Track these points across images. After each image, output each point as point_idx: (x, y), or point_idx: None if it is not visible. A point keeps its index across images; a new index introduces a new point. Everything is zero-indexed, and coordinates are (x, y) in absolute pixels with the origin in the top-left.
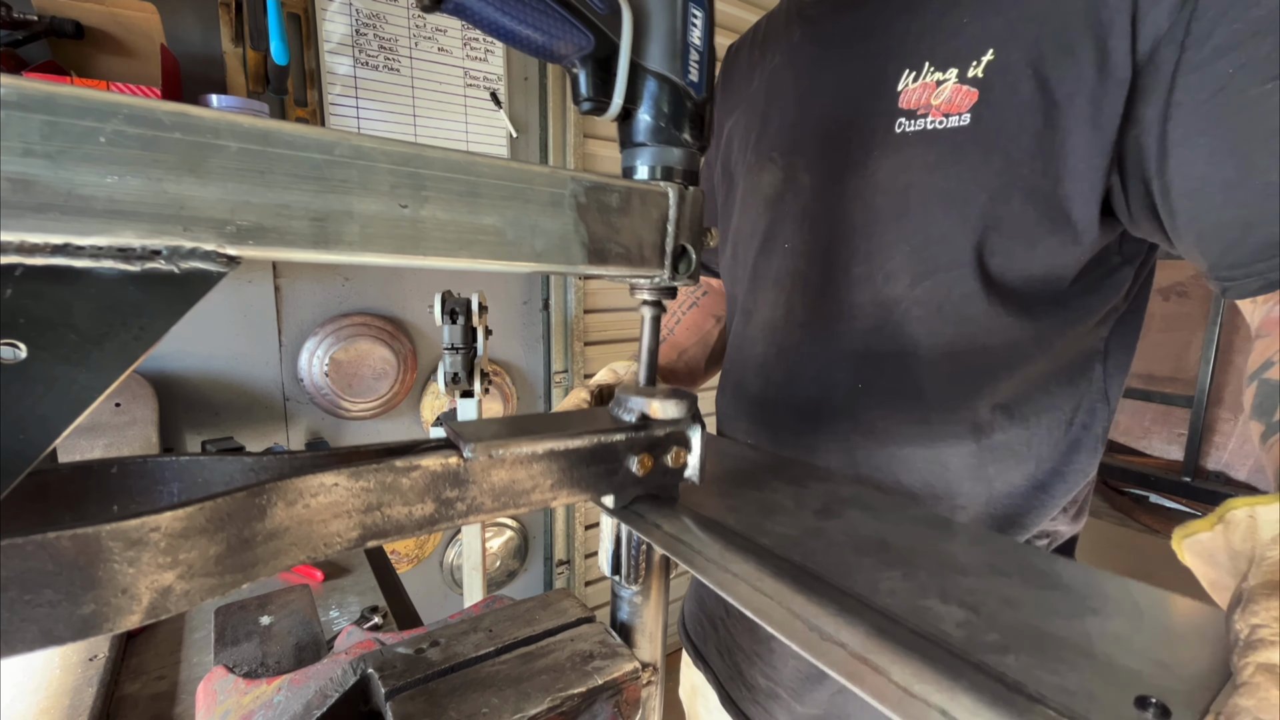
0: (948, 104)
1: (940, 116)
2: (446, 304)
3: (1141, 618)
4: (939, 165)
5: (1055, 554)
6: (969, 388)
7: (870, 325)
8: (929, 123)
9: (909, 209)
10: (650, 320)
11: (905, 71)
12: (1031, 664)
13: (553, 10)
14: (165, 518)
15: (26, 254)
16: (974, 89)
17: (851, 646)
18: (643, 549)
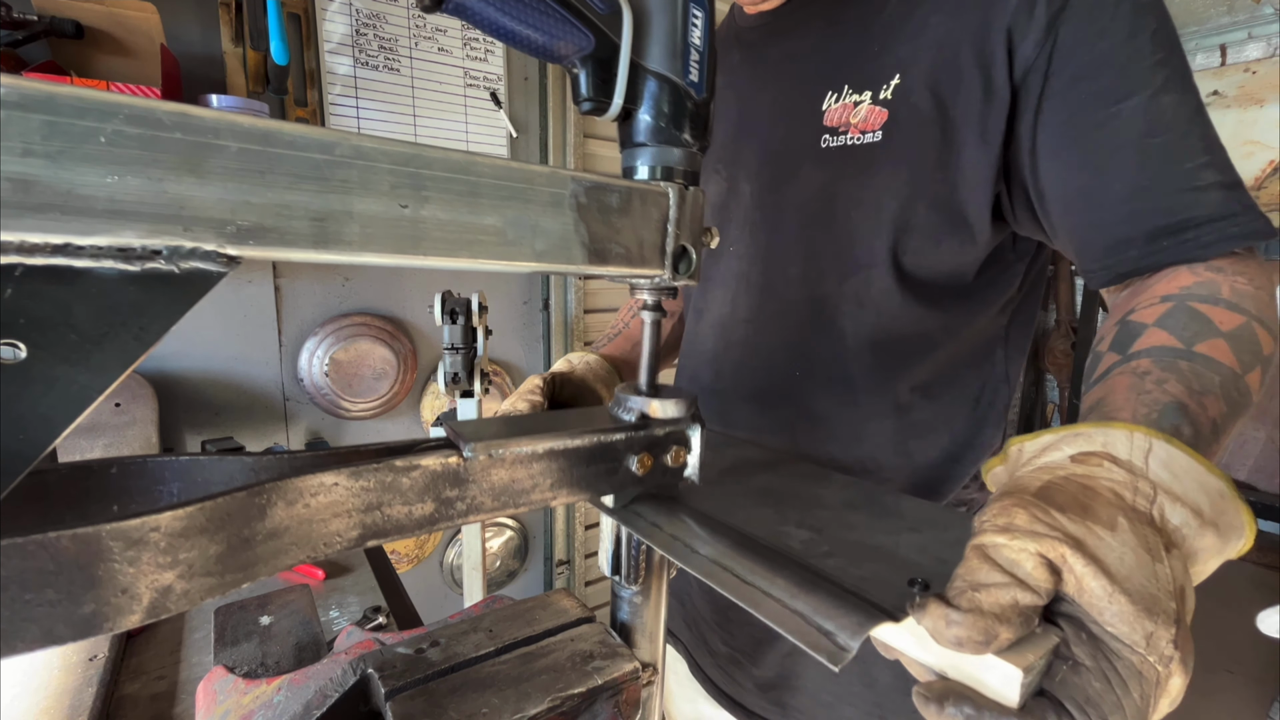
0: (864, 122)
1: (858, 134)
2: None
3: (944, 533)
4: (858, 176)
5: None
6: (890, 372)
7: (805, 319)
8: (849, 139)
9: (835, 215)
10: (651, 324)
11: (829, 93)
12: (846, 564)
13: (553, 10)
14: (165, 517)
15: (26, 254)
16: (884, 109)
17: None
18: (643, 549)
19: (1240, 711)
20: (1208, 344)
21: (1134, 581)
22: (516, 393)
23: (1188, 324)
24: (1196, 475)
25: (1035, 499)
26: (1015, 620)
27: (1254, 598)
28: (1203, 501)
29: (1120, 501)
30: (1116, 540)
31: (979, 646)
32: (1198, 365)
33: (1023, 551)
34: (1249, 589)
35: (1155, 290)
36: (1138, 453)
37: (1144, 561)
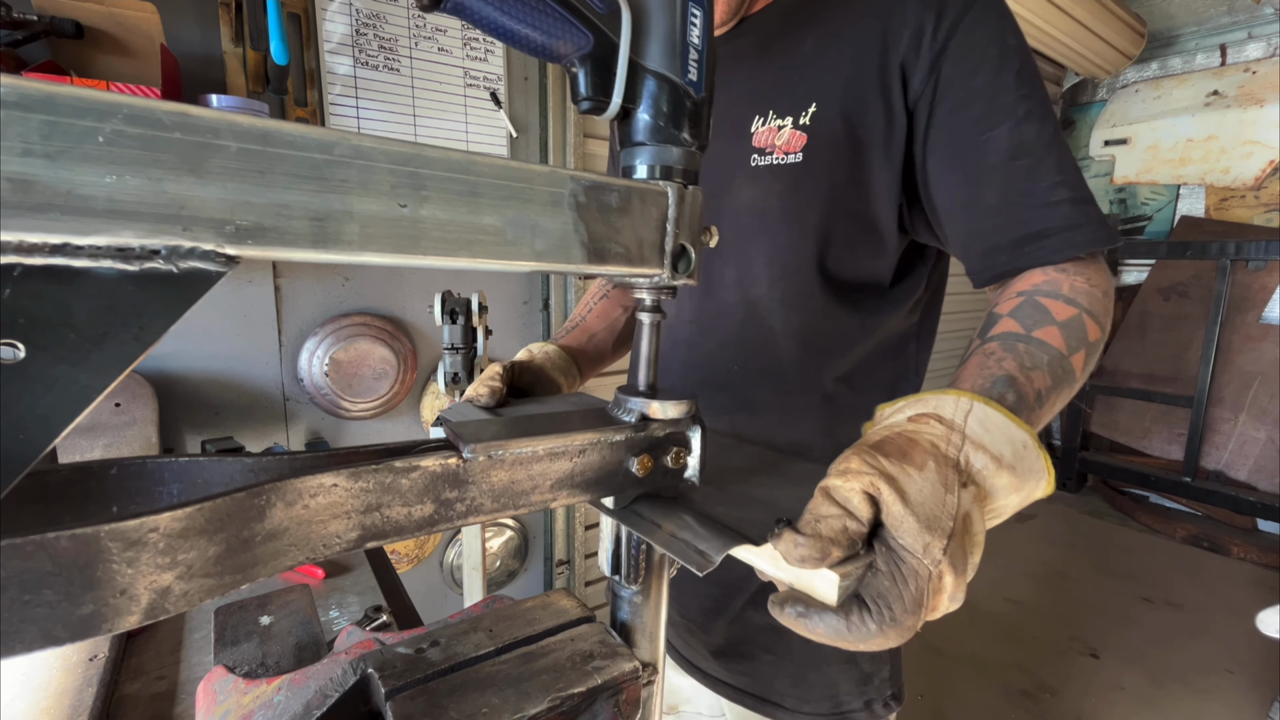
0: (787, 144)
1: (782, 154)
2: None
3: None
4: (784, 192)
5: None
6: (817, 365)
7: (741, 319)
8: (774, 159)
9: (765, 226)
10: (649, 326)
11: (756, 117)
12: (734, 510)
13: (552, 10)
14: (164, 518)
15: (25, 254)
16: (804, 133)
17: None
18: (642, 549)
19: (1240, 711)
20: (1044, 330)
21: (925, 507)
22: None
23: (1031, 314)
24: (1005, 430)
25: (870, 449)
26: (844, 542)
27: (1254, 598)
28: (1005, 450)
29: (934, 449)
30: (922, 477)
31: (817, 562)
32: (1032, 347)
33: (851, 489)
34: (1249, 589)
35: (1014, 288)
36: (959, 413)
37: (937, 493)
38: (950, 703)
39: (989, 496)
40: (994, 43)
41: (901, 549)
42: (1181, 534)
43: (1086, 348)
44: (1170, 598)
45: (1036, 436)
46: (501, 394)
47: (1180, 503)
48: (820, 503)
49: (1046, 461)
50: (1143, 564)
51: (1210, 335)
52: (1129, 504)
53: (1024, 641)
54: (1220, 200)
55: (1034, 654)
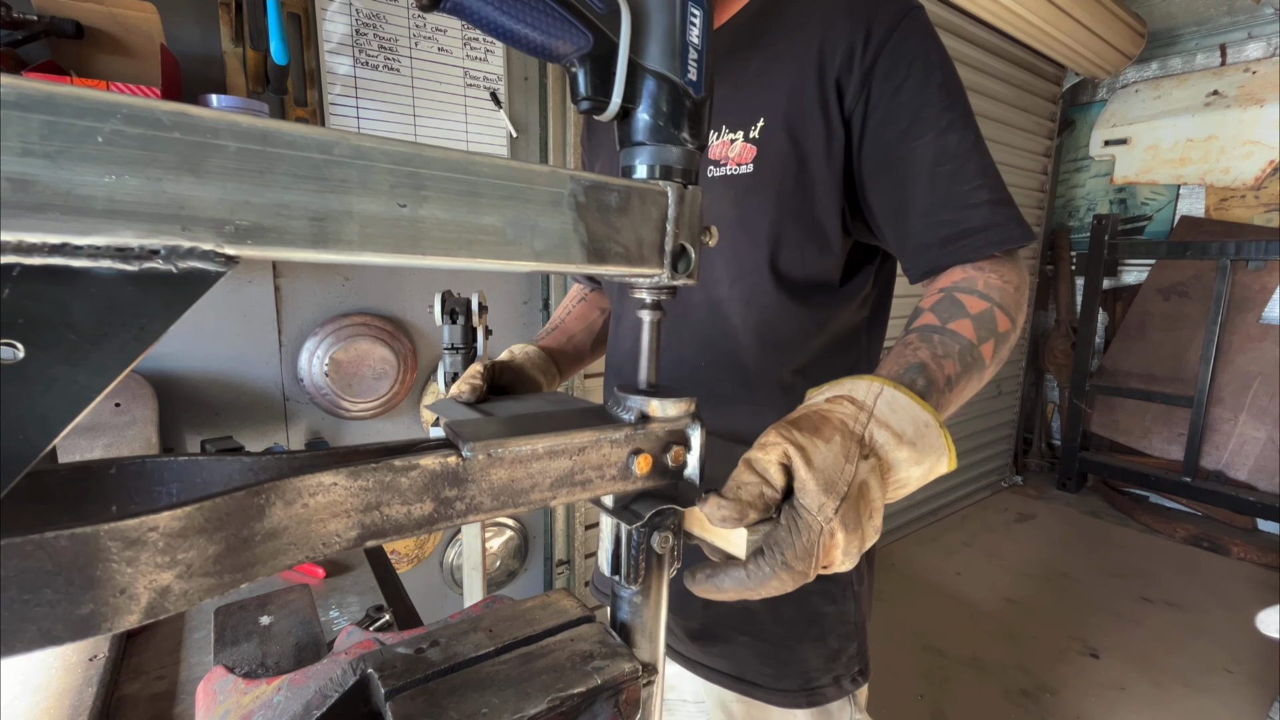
0: (739, 157)
1: (735, 165)
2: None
3: None
4: (738, 200)
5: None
6: (775, 359)
7: (705, 318)
8: (728, 170)
9: (722, 231)
10: (650, 324)
11: (711, 131)
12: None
13: (551, 9)
14: (163, 517)
15: (25, 254)
16: (754, 146)
17: None
18: (642, 549)
19: (1240, 711)
20: (957, 323)
21: (826, 473)
22: (462, 377)
23: (948, 308)
24: (909, 410)
25: (787, 424)
26: (760, 505)
27: (1254, 598)
28: (908, 428)
29: (843, 426)
30: (827, 448)
31: (735, 522)
32: (946, 338)
33: (769, 461)
34: (1249, 589)
35: (937, 284)
36: (870, 395)
37: (839, 462)
38: (950, 703)
39: (890, 469)
40: (918, 59)
41: (801, 507)
42: (1181, 534)
43: (995, 338)
44: (1170, 598)
45: (939, 418)
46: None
47: (1180, 503)
48: (741, 471)
49: (947, 440)
50: (1143, 564)
51: (1210, 335)
52: (1129, 504)
53: (1024, 641)
54: (1220, 200)
55: (1034, 654)
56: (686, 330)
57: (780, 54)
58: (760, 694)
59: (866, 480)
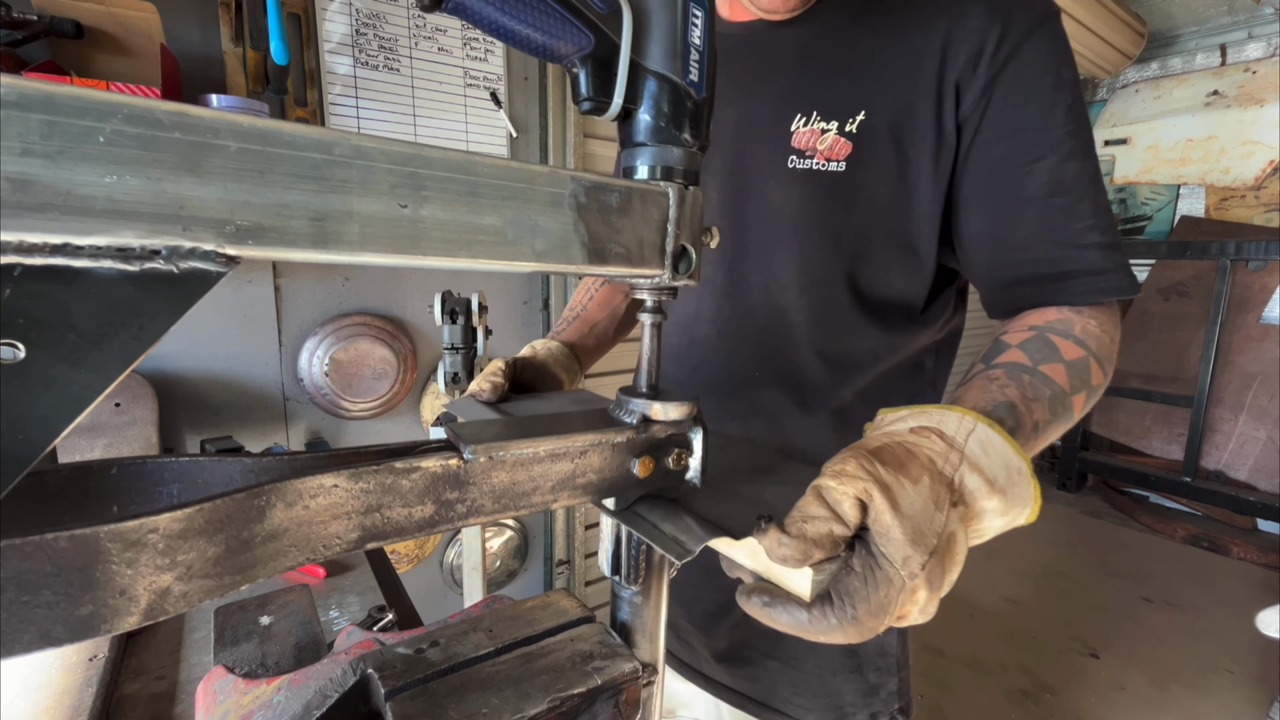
0: (829, 150)
1: (824, 160)
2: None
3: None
4: (820, 200)
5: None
6: (837, 380)
7: (764, 324)
8: (814, 164)
9: (798, 233)
10: (650, 327)
11: (798, 115)
12: (720, 506)
13: (553, 10)
14: (163, 519)
15: (25, 254)
16: (849, 141)
17: None
18: (642, 549)
19: (1240, 711)
20: (1050, 366)
21: (914, 520)
22: (481, 374)
23: (1040, 349)
24: (1003, 454)
25: (868, 454)
26: (828, 545)
27: (1254, 598)
28: (1000, 474)
29: (931, 465)
30: (915, 491)
31: (798, 563)
32: (1037, 380)
33: (844, 494)
34: (1249, 589)
35: (1026, 320)
36: (961, 432)
37: (928, 509)
38: (950, 703)
39: (976, 518)
40: (1049, 73)
41: (882, 557)
42: (1181, 534)
43: (1088, 390)
44: (1170, 598)
45: (1031, 465)
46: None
47: (1180, 503)
48: (810, 502)
49: (1036, 491)
50: (1143, 564)
51: (1210, 335)
52: (1129, 504)
53: (1024, 641)
54: (1220, 200)
55: (1034, 654)
56: (741, 335)
57: (894, 40)
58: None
59: (955, 532)
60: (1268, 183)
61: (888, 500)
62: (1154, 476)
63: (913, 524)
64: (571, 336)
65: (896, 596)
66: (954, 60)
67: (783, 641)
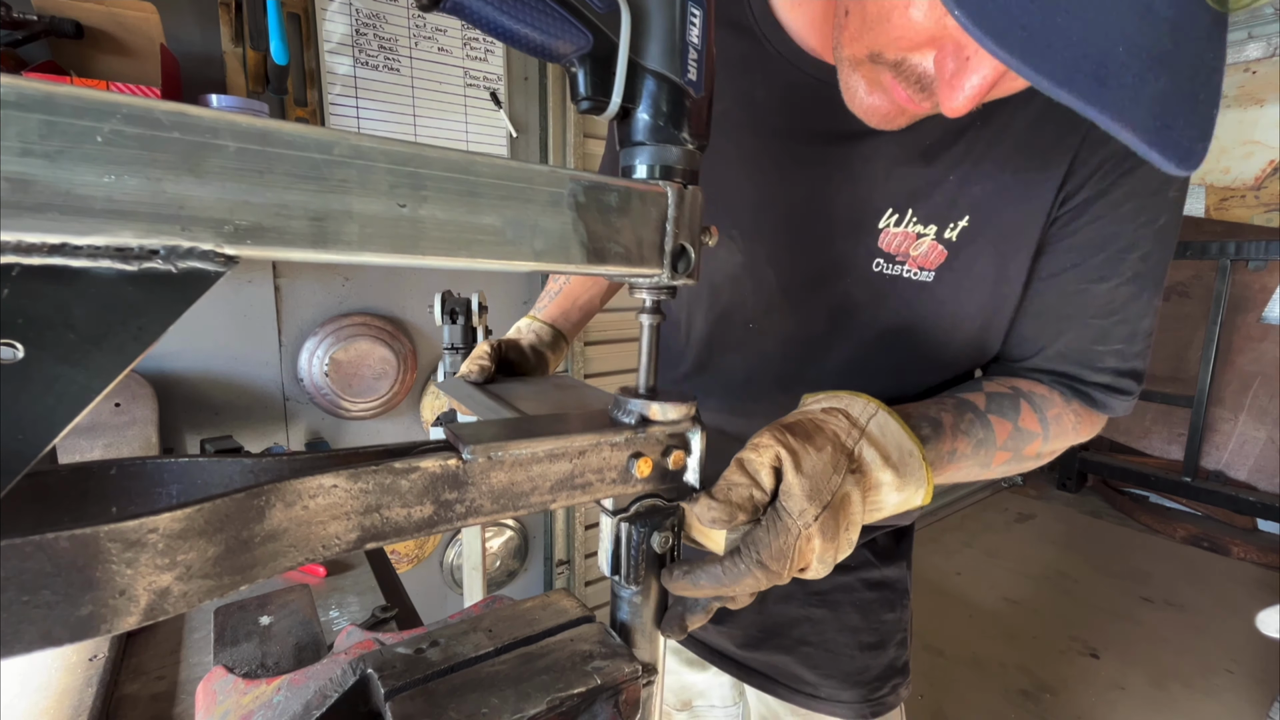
0: (923, 258)
1: (915, 269)
2: (446, 304)
3: None
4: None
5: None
6: None
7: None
8: (904, 270)
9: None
10: (649, 328)
11: (890, 210)
12: None
13: (551, 9)
14: (163, 519)
15: (24, 254)
16: (945, 249)
17: None
18: (642, 549)
19: (1240, 711)
20: (999, 420)
21: (814, 480)
22: (470, 357)
23: (1003, 406)
24: (897, 437)
25: (782, 427)
26: (749, 507)
27: (1254, 598)
28: (894, 452)
29: (835, 438)
30: (818, 457)
31: (725, 524)
32: (978, 423)
33: (761, 463)
34: (1249, 589)
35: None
36: (865, 414)
37: (826, 471)
38: (950, 703)
39: (872, 488)
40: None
41: (783, 510)
42: (1181, 534)
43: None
44: (1170, 598)
45: (924, 450)
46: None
47: (1180, 503)
48: (733, 471)
49: (927, 473)
50: (1143, 564)
51: (1210, 335)
52: (1129, 504)
53: (1024, 641)
54: (1220, 200)
55: (1034, 654)
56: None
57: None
58: (822, 706)
59: (850, 493)
60: (1268, 183)
61: (793, 462)
62: (1154, 476)
63: (811, 482)
64: (555, 312)
65: (794, 544)
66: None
67: (814, 625)
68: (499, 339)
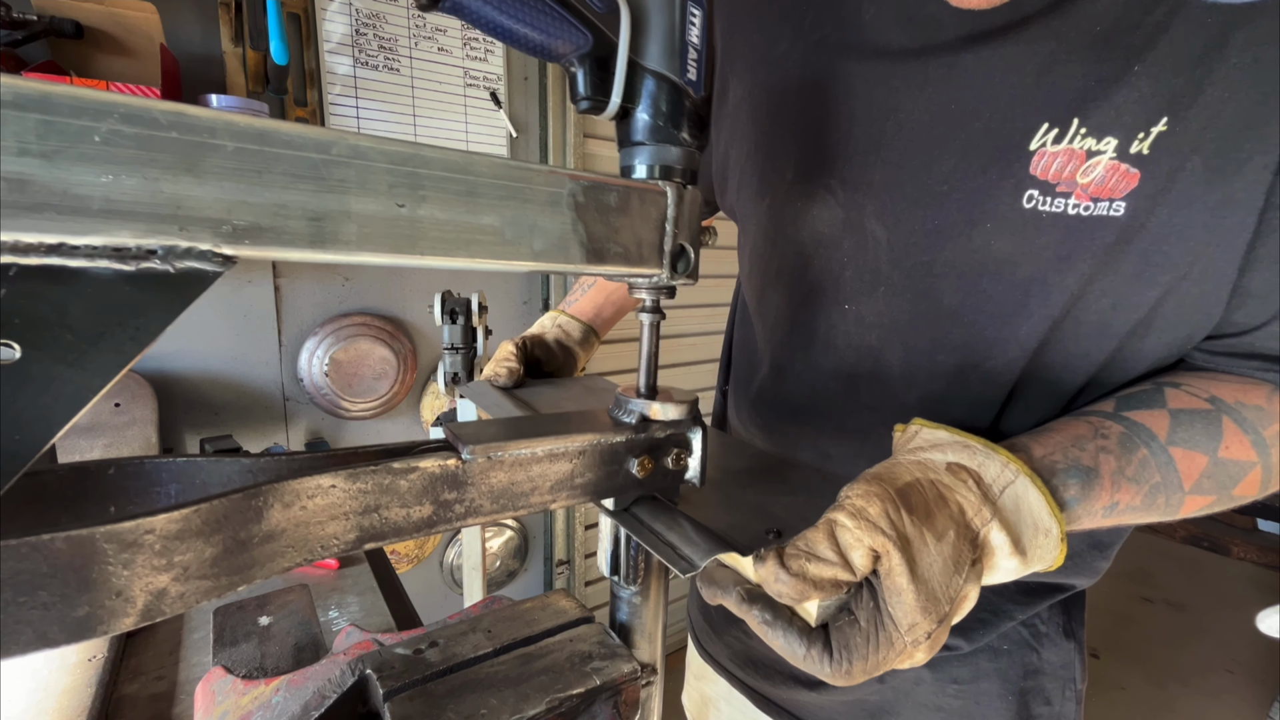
0: (1099, 186)
1: (1088, 200)
2: (446, 304)
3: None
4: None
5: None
6: None
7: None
8: (1071, 204)
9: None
10: (649, 326)
11: (1044, 126)
12: (720, 513)
13: (550, 9)
14: (160, 520)
15: (21, 253)
16: (1137, 169)
17: None
18: (641, 550)
19: (1240, 711)
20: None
21: (929, 585)
22: (493, 359)
23: (1195, 430)
24: (1036, 515)
25: (894, 494)
26: (828, 589)
27: (1254, 598)
28: (1026, 535)
29: (961, 517)
30: (937, 550)
31: (793, 602)
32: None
33: (859, 541)
34: (1249, 589)
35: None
36: (1001, 481)
37: (946, 571)
38: None
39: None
40: None
41: (889, 617)
42: (1181, 534)
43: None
44: (1170, 598)
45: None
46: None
47: None
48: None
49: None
50: (1143, 564)
51: None
52: None
53: None
54: None
55: None
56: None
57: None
58: None
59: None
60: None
61: (906, 560)
62: None
63: (928, 590)
64: (586, 307)
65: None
66: None
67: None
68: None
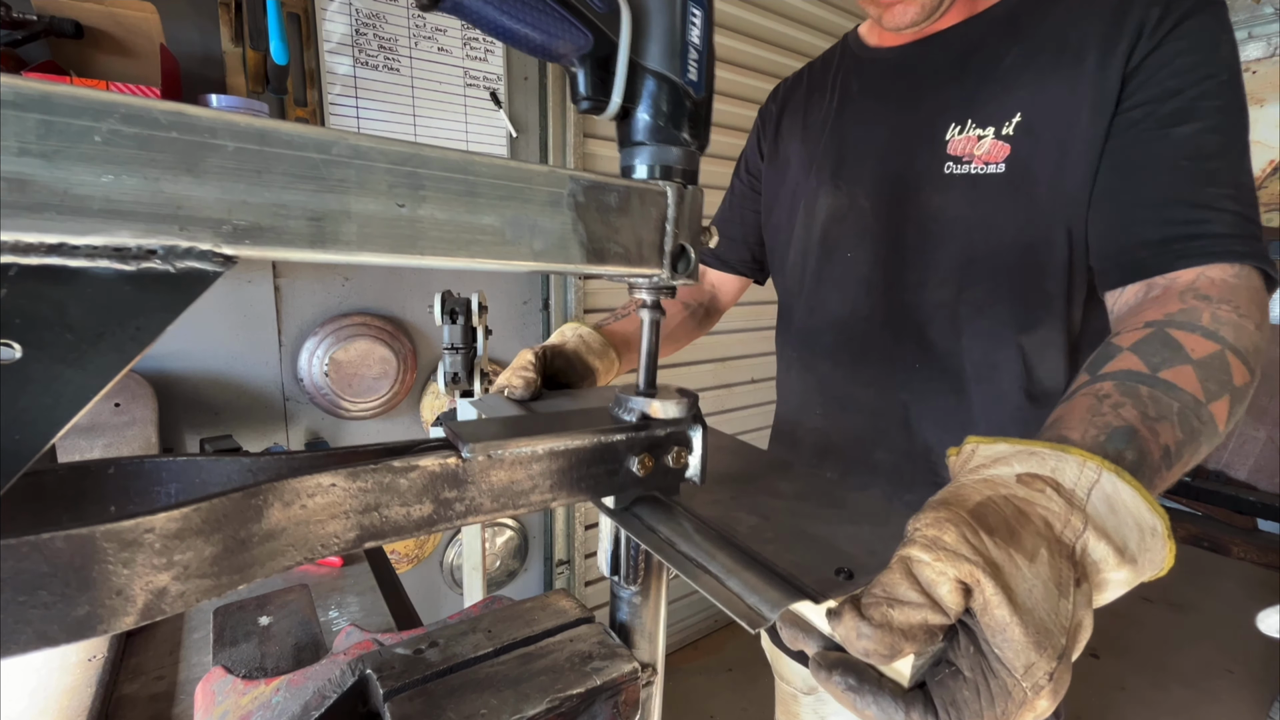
0: (986, 154)
1: (981, 164)
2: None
3: (882, 527)
4: (979, 201)
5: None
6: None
7: (925, 319)
8: (972, 168)
9: (956, 233)
10: (649, 324)
11: (952, 125)
12: (782, 549)
13: (551, 9)
14: (160, 519)
15: (21, 253)
16: (1006, 144)
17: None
18: (642, 549)
19: (1240, 711)
20: (1173, 370)
21: (1034, 614)
22: (510, 368)
23: (1158, 350)
24: (1135, 512)
25: (968, 517)
26: (921, 638)
27: (1254, 598)
28: (1130, 539)
29: (1049, 531)
30: (1031, 571)
31: (884, 659)
32: (1158, 391)
33: (942, 575)
34: (1249, 589)
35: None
36: (1084, 483)
37: (1050, 596)
38: None
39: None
40: (1205, 49)
41: (998, 661)
42: (1181, 534)
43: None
44: (1170, 598)
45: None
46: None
47: (1180, 503)
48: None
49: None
50: None
51: None
52: None
53: None
54: None
55: None
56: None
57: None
58: None
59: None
60: (1268, 183)
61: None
62: None
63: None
64: (617, 328)
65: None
66: (1115, 50)
67: None
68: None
